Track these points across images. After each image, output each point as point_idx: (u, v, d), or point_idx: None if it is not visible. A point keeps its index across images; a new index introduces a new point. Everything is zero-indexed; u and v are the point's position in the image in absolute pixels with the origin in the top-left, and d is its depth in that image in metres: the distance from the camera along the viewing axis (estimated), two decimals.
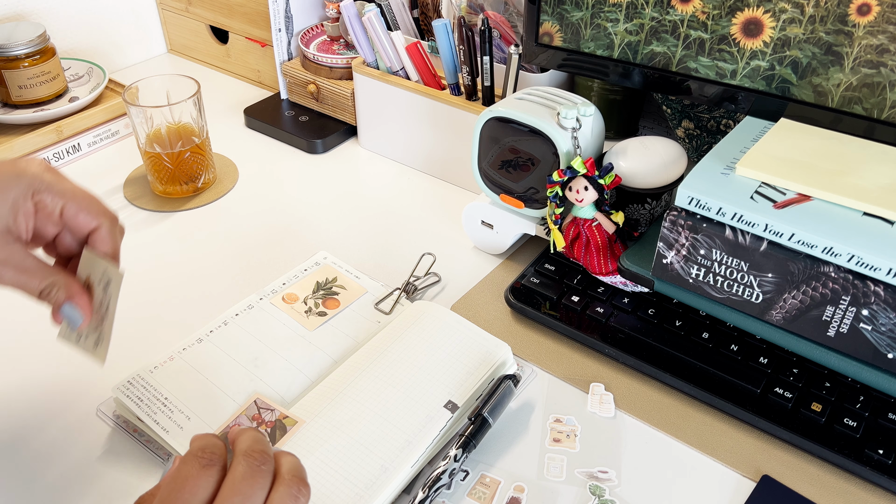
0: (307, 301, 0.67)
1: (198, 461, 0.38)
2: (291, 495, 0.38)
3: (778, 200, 0.51)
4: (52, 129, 0.86)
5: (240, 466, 0.38)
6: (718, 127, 0.80)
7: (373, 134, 0.90)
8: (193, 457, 0.38)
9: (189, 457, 0.38)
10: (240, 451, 0.39)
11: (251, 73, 1.06)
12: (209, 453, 0.38)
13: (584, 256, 0.63)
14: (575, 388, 0.60)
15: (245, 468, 0.38)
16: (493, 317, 0.67)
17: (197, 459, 0.38)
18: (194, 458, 0.38)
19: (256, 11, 0.99)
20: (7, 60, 0.85)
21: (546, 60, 0.73)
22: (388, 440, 0.53)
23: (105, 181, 0.86)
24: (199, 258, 0.75)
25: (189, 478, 0.37)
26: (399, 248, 0.76)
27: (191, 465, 0.38)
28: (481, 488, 0.53)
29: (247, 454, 0.38)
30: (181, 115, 0.79)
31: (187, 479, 0.37)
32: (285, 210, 0.82)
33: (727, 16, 0.61)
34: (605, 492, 0.53)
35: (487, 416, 0.54)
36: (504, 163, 0.66)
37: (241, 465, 0.38)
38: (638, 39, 0.67)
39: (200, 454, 0.38)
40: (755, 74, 0.62)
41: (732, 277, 0.53)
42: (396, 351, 0.60)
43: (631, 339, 0.62)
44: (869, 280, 0.48)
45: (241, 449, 0.39)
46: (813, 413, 0.55)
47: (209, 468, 0.38)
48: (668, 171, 0.63)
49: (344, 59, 0.91)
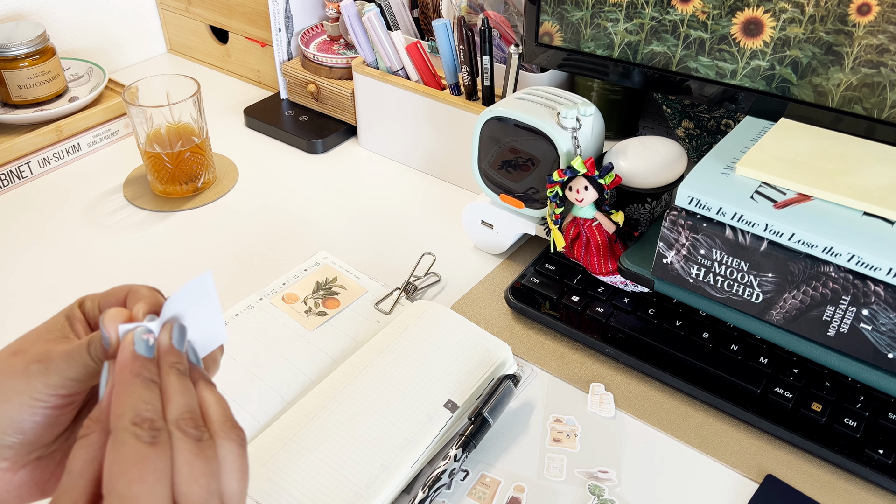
0: (307, 301, 0.67)
1: (139, 439, 0.31)
2: (238, 445, 0.34)
3: (778, 200, 0.51)
4: (52, 129, 0.86)
5: (182, 443, 0.32)
6: (718, 127, 0.80)
7: (373, 134, 0.90)
8: (132, 435, 0.31)
9: (126, 435, 0.31)
10: (172, 422, 0.33)
11: (251, 72, 1.06)
12: (149, 426, 0.32)
13: (584, 256, 0.63)
14: (575, 388, 0.60)
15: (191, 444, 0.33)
16: (493, 317, 0.67)
17: (137, 437, 0.31)
18: (134, 436, 0.31)
19: (256, 11, 0.98)
20: (7, 60, 0.85)
21: (546, 60, 0.73)
22: (387, 439, 0.53)
23: (105, 181, 0.86)
24: (199, 258, 0.75)
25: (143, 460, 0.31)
26: (399, 248, 0.76)
27: (135, 446, 0.31)
28: (481, 488, 0.53)
29: (180, 426, 0.33)
30: (181, 115, 0.79)
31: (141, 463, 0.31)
32: (285, 210, 0.82)
33: (727, 16, 0.61)
34: (605, 492, 0.53)
35: (487, 415, 0.54)
36: (504, 163, 0.66)
37: (182, 441, 0.32)
38: (638, 39, 0.66)
39: (140, 430, 0.32)
40: (755, 74, 0.62)
41: (732, 277, 0.53)
42: (396, 351, 0.59)
43: (631, 339, 0.62)
44: (869, 280, 0.48)
45: (173, 418, 0.33)
46: (813, 413, 0.55)
47: (156, 445, 0.32)
48: (668, 171, 0.63)
49: (344, 58, 0.91)
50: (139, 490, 0.30)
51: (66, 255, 0.75)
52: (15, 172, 0.84)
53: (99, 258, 0.75)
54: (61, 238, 0.78)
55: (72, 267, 0.74)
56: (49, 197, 0.84)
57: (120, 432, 0.32)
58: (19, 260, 0.75)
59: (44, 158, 0.86)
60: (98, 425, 0.33)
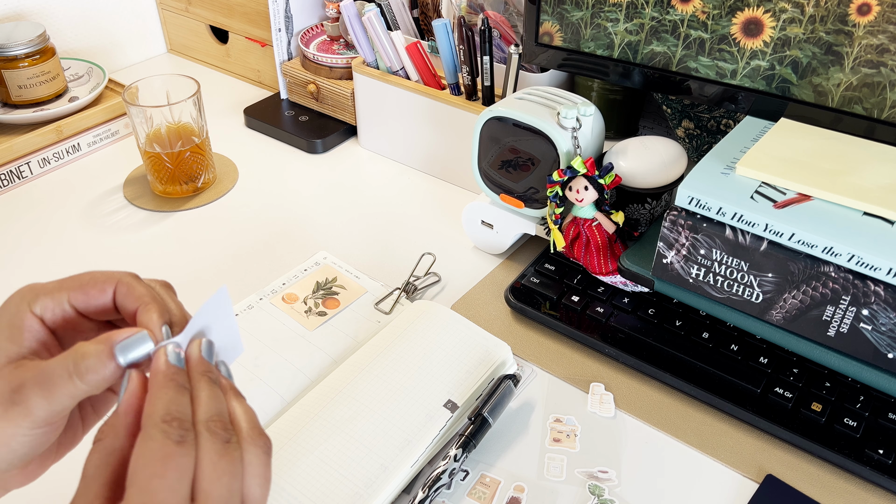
0: (307, 301, 0.67)
1: (167, 436, 0.32)
2: (264, 452, 0.35)
3: (778, 200, 0.51)
4: (52, 129, 0.86)
5: (209, 443, 0.33)
6: (718, 127, 0.80)
7: (373, 134, 0.90)
8: (161, 432, 0.32)
9: (155, 431, 0.32)
10: (202, 423, 0.34)
11: (251, 72, 1.06)
12: (178, 425, 0.32)
13: (584, 256, 0.63)
14: (575, 388, 0.60)
15: (218, 445, 0.33)
16: (493, 317, 0.67)
17: (166, 434, 0.32)
18: (162, 433, 0.32)
19: (256, 11, 0.99)
20: (7, 60, 0.85)
21: (546, 60, 0.73)
22: (387, 439, 0.53)
23: (105, 181, 0.86)
24: (199, 258, 0.75)
25: (168, 457, 0.31)
26: (399, 248, 0.76)
27: (163, 442, 0.32)
28: (481, 488, 0.53)
29: (209, 427, 0.33)
30: (181, 115, 0.79)
31: (165, 459, 0.31)
32: (285, 210, 0.82)
33: (727, 16, 0.61)
34: (605, 491, 0.53)
35: (487, 415, 0.54)
36: (504, 163, 0.66)
37: (209, 440, 0.33)
38: (638, 39, 0.67)
39: (169, 427, 0.32)
40: (755, 74, 0.62)
41: (732, 277, 0.53)
42: (396, 350, 0.59)
43: (631, 339, 0.62)
44: (869, 280, 0.48)
45: (203, 419, 0.34)
46: (813, 413, 0.55)
47: (183, 444, 0.32)
48: (668, 171, 0.63)
49: (344, 58, 0.91)
50: (158, 485, 0.31)
51: (66, 256, 0.75)
52: (15, 172, 0.84)
53: (99, 258, 0.75)
54: (61, 238, 0.78)
55: (72, 267, 0.74)
56: (49, 197, 0.84)
57: (150, 429, 0.32)
58: (19, 260, 0.75)
59: (44, 158, 0.86)
60: (112, 431, 0.33)
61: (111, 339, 0.35)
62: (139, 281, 0.39)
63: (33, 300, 0.37)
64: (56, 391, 0.34)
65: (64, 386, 0.34)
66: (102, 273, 0.39)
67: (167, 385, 0.34)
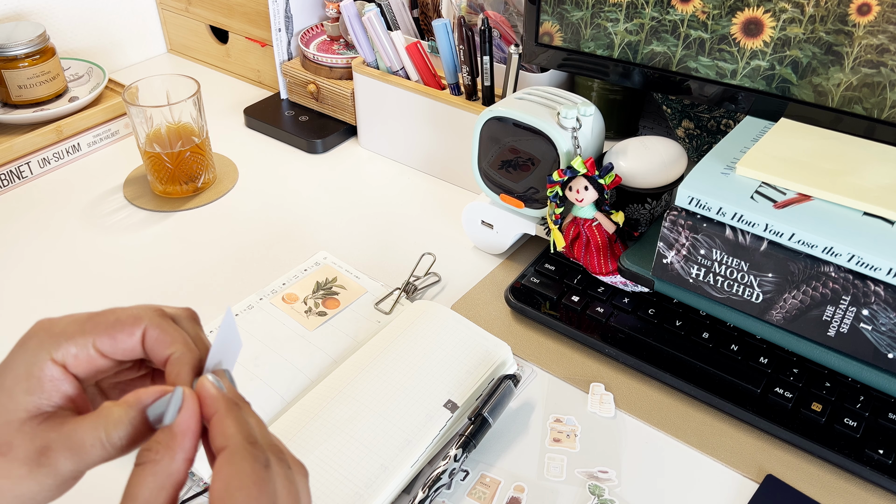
0: (307, 301, 0.67)
1: (257, 460, 0.32)
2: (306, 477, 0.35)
3: (778, 200, 0.51)
4: (52, 129, 0.86)
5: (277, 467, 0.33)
6: (718, 127, 0.80)
7: (373, 134, 0.90)
8: (250, 454, 0.32)
9: (245, 453, 0.32)
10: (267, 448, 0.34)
11: (251, 72, 1.06)
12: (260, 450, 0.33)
13: (584, 256, 0.63)
14: (575, 388, 0.60)
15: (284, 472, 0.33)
16: (493, 317, 0.67)
17: (255, 459, 0.32)
18: (252, 456, 0.32)
19: (256, 11, 0.98)
20: (7, 60, 0.85)
21: (546, 60, 0.73)
22: (387, 439, 0.53)
23: (105, 181, 0.86)
24: (199, 258, 0.75)
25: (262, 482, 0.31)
26: (399, 248, 0.76)
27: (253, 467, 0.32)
28: (481, 488, 0.53)
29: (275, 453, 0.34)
30: (181, 115, 0.79)
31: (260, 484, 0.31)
32: (285, 210, 0.82)
33: (727, 16, 0.61)
34: (605, 492, 0.53)
35: (487, 415, 0.54)
36: (504, 163, 0.66)
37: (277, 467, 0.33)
38: (638, 39, 0.67)
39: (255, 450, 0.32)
40: (755, 74, 0.62)
41: (732, 277, 0.53)
42: (396, 350, 0.59)
43: (631, 339, 0.62)
44: (869, 280, 0.48)
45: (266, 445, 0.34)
46: (813, 413, 0.55)
47: (269, 470, 0.32)
48: (668, 171, 0.63)
49: (344, 58, 0.91)
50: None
51: (66, 255, 0.75)
52: (15, 172, 0.84)
53: (99, 258, 0.75)
54: (61, 238, 0.78)
55: (72, 267, 0.74)
56: (49, 197, 0.84)
57: (239, 448, 0.32)
58: (19, 260, 0.75)
59: (44, 158, 0.86)
60: (169, 452, 0.32)
61: (141, 401, 0.34)
62: (167, 321, 0.37)
63: (54, 346, 0.35)
64: (86, 456, 0.33)
65: (95, 451, 0.33)
66: (127, 313, 0.36)
67: (234, 408, 0.33)
